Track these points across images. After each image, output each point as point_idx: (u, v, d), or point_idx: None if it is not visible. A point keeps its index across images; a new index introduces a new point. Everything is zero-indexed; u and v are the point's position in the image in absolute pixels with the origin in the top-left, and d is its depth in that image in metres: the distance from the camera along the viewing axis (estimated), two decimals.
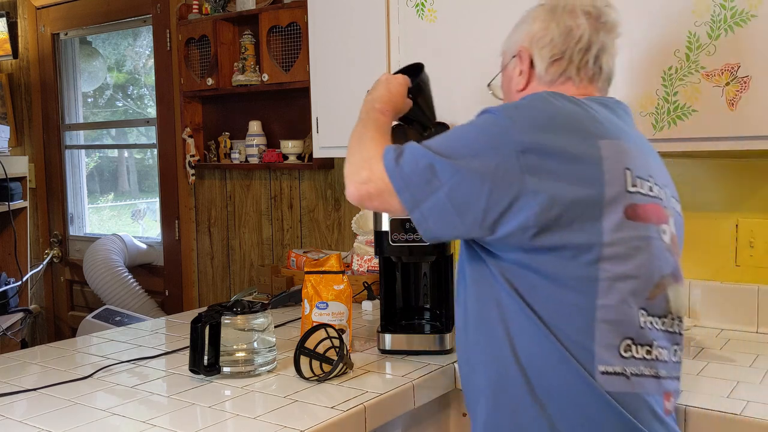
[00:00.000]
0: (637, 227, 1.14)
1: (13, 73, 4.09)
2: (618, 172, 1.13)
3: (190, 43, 3.07)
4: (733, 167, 1.97)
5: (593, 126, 1.16)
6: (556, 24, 1.29)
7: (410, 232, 1.75)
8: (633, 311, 1.13)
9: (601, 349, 1.10)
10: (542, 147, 1.11)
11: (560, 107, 1.18)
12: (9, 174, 3.41)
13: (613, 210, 1.11)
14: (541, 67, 1.31)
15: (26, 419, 1.37)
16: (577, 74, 1.30)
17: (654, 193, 1.19)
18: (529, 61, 1.32)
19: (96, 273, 3.45)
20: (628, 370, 1.12)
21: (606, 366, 1.11)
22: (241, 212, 3.15)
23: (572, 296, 1.11)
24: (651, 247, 1.15)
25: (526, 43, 1.32)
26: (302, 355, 1.59)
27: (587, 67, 1.29)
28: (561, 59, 1.29)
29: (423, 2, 2.07)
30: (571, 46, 1.28)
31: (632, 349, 1.13)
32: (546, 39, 1.29)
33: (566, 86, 1.30)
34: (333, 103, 2.31)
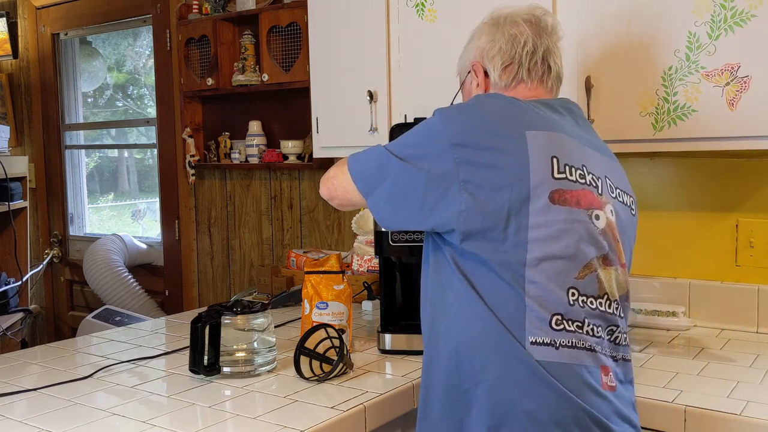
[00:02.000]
0: (562, 211, 1.20)
1: (13, 73, 4.09)
2: (543, 160, 1.21)
3: (190, 43, 3.07)
4: (733, 167, 1.97)
5: (522, 119, 1.25)
6: (501, 34, 1.39)
7: (410, 232, 1.75)
8: (561, 289, 1.20)
9: (531, 323, 1.18)
10: (472, 141, 1.22)
11: (490, 103, 1.28)
12: (9, 174, 3.41)
13: (538, 194, 1.19)
14: (494, 76, 1.40)
15: (26, 419, 1.37)
16: (528, 76, 1.39)
17: (585, 181, 1.25)
18: (483, 73, 1.42)
19: (96, 273, 3.45)
20: (558, 341, 1.18)
21: (535, 336, 1.18)
22: (241, 212, 3.15)
23: (505, 276, 1.19)
24: (578, 230, 1.21)
25: (477, 58, 1.43)
26: (302, 355, 1.59)
27: (536, 67, 1.39)
28: (511, 64, 1.39)
29: (423, 2, 2.07)
30: (518, 51, 1.38)
31: (563, 323, 1.20)
32: (495, 49, 1.40)
33: (519, 89, 1.39)
34: (333, 103, 2.31)
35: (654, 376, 1.58)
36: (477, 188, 1.20)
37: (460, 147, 1.22)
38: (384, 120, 2.18)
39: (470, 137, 1.23)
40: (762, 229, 1.94)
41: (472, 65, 1.45)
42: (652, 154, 2.06)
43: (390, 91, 2.17)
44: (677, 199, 2.05)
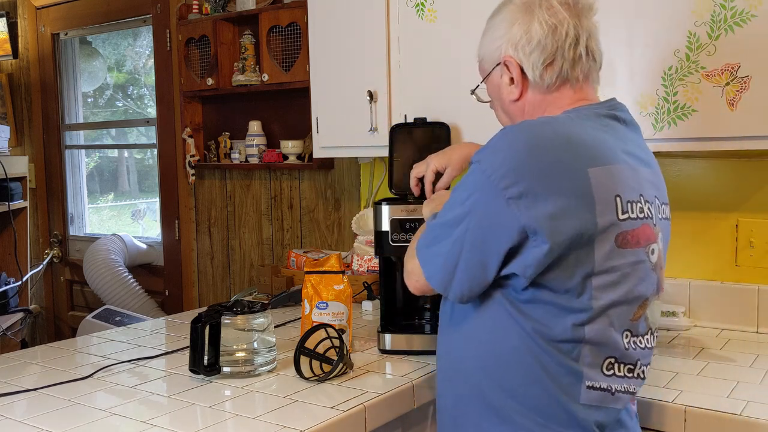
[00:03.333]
0: (626, 254, 1.14)
1: (13, 73, 4.09)
2: (609, 201, 1.11)
3: (190, 43, 3.07)
4: (733, 167, 1.97)
5: (582, 153, 1.12)
6: (539, 24, 1.22)
7: (410, 232, 1.75)
8: (618, 333, 1.15)
9: (586, 368, 1.14)
10: (532, 189, 1.09)
11: (547, 145, 1.12)
12: (9, 174, 3.40)
13: (604, 239, 1.11)
14: (534, 75, 1.25)
15: (26, 419, 1.37)
16: (572, 72, 1.24)
17: (644, 214, 1.17)
18: (519, 70, 1.26)
19: (96, 273, 3.45)
20: (613, 386, 1.16)
21: (593, 381, 1.14)
22: (241, 212, 3.15)
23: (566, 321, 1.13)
24: (638, 272, 1.16)
25: (510, 51, 1.25)
26: (302, 355, 1.59)
27: (581, 61, 1.24)
28: (554, 61, 1.23)
29: (423, 2, 2.07)
30: (560, 44, 1.22)
31: (614, 367, 1.16)
32: (533, 43, 1.22)
33: (563, 91, 1.26)
34: (333, 103, 2.31)
35: (654, 376, 1.58)
36: (542, 237, 1.08)
37: (521, 199, 1.09)
38: (384, 120, 2.18)
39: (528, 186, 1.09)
40: (762, 229, 1.94)
41: (504, 59, 1.27)
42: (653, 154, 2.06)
43: (390, 91, 2.17)
44: (677, 199, 2.05)
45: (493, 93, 1.36)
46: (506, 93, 1.30)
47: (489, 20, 1.32)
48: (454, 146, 1.75)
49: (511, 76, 1.27)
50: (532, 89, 1.27)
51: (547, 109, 1.27)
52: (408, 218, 1.74)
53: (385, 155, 2.07)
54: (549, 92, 1.26)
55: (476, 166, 1.15)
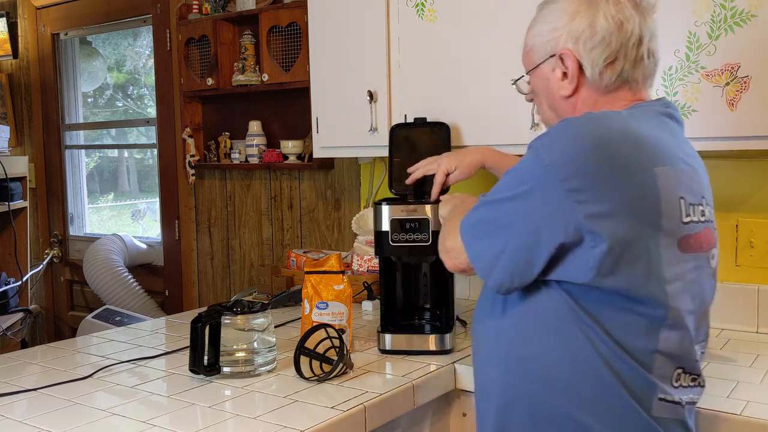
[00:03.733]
0: (689, 259, 1.09)
1: (13, 73, 4.09)
2: (674, 203, 1.06)
3: (190, 43, 3.07)
4: (733, 167, 1.97)
5: (648, 152, 1.07)
6: (605, 18, 1.14)
7: (410, 232, 1.75)
8: (691, 344, 1.11)
9: (658, 379, 1.08)
10: (594, 185, 1.02)
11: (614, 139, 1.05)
12: (9, 174, 3.40)
13: (669, 243, 1.05)
14: (593, 72, 1.16)
15: (26, 419, 1.37)
16: (632, 74, 1.17)
17: (705, 217, 1.12)
18: (576, 65, 1.17)
19: (96, 273, 3.45)
20: (683, 398, 1.11)
21: (665, 394, 1.09)
22: (241, 212, 3.15)
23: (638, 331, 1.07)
24: (702, 277, 1.12)
25: (570, 44, 1.17)
26: (302, 355, 1.59)
27: (642, 63, 1.17)
28: (616, 60, 1.15)
29: (423, 2, 2.07)
30: (624, 42, 1.14)
31: (681, 378, 1.12)
32: (596, 38, 1.14)
33: (621, 92, 1.18)
34: (333, 103, 2.31)
35: None
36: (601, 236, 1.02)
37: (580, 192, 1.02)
38: (384, 120, 2.18)
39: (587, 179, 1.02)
40: (762, 229, 1.94)
41: (560, 51, 1.18)
42: None
43: (390, 91, 2.17)
44: None
45: (540, 86, 1.26)
46: (557, 88, 1.22)
47: (543, 7, 1.24)
48: (468, 149, 1.74)
49: (565, 71, 1.19)
50: (588, 87, 1.19)
51: (603, 108, 1.19)
52: (408, 218, 1.75)
53: (385, 155, 2.07)
54: (606, 93, 1.18)
55: (534, 153, 1.08)
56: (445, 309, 1.84)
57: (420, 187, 1.86)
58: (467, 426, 1.70)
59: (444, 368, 1.66)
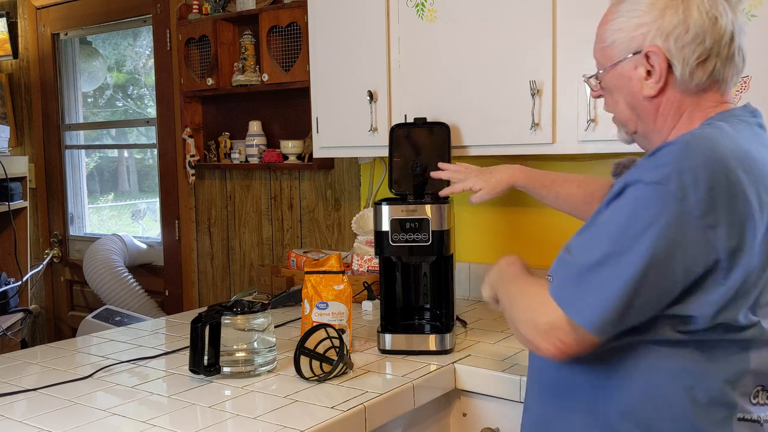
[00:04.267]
0: None
1: (13, 73, 4.09)
2: None
3: (190, 43, 3.07)
4: None
5: (761, 175, 1.01)
6: (698, 12, 1.06)
7: (410, 232, 1.75)
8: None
9: (738, 397, 1.05)
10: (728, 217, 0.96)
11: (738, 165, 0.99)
12: (9, 174, 3.40)
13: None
14: (683, 72, 1.08)
15: (26, 419, 1.37)
16: (723, 73, 1.10)
17: None
18: (666, 64, 1.09)
19: (96, 273, 3.45)
20: (762, 416, 1.07)
21: (744, 413, 1.05)
22: (241, 212, 3.15)
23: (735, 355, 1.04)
24: None
25: (659, 41, 1.08)
26: (302, 355, 1.59)
27: (733, 61, 1.10)
28: (707, 59, 1.08)
29: (423, 2, 2.07)
30: (717, 40, 1.07)
31: (760, 395, 1.07)
32: (689, 35, 1.06)
33: (709, 93, 1.11)
34: (333, 103, 2.31)
35: None
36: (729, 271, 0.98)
37: (714, 228, 0.96)
38: (384, 120, 2.18)
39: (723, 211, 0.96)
40: None
41: (647, 48, 1.09)
42: None
43: (390, 91, 2.17)
44: None
45: (618, 83, 1.16)
46: (639, 87, 1.13)
47: (621, 3, 1.15)
48: (498, 167, 1.64)
49: (650, 69, 1.11)
50: (675, 88, 1.11)
51: (687, 111, 1.12)
52: (408, 218, 1.75)
53: (385, 155, 2.07)
54: (693, 93, 1.11)
55: (659, 188, 0.97)
56: (445, 309, 1.84)
57: (421, 187, 1.86)
58: (467, 426, 1.70)
59: (444, 368, 1.66)
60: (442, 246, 1.76)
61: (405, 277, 1.93)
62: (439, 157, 1.90)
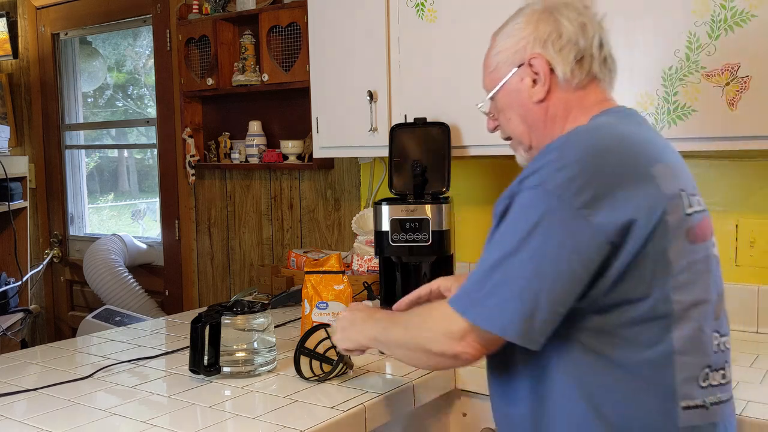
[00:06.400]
0: (697, 249, 1.08)
1: (13, 73, 4.09)
2: (676, 196, 1.07)
3: (190, 43, 3.07)
4: (733, 167, 1.97)
5: (641, 152, 1.08)
6: (568, 21, 1.18)
7: (410, 232, 1.75)
8: (708, 337, 1.08)
9: (681, 384, 1.05)
10: (608, 198, 1.01)
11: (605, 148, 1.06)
12: (9, 174, 3.40)
13: (677, 236, 1.05)
14: (564, 71, 1.18)
15: (26, 419, 1.37)
16: (600, 71, 1.19)
17: (701, 207, 1.13)
18: (547, 68, 1.18)
19: (96, 273, 3.45)
20: (708, 400, 1.07)
21: (688, 401, 1.05)
22: (241, 212, 3.15)
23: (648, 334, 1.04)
24: (710, 266, 1.11)
25: (538, 48, 1.18)
26: (302, 355, 1.59)
27: (608, 63, 1.21)
28: (583, 58, 1.18)
29: (423, 2, 2.07)
30: (588, 43, 1.17)
31: (710, 377, 1.08)
32: (563, 39, 1.17)
33: (591, 89, 1.20)
34: (333, 103, 2.31)
35: None
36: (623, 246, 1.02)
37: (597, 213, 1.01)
38: (384, 120, 2.18)
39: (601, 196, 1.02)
40: (762, 229, 1.94)
41: (529, 58, 1.19)
42: None
43: (390, 91, 2.17)
44: None
45: (509, 100, 1.25)
46: (528, 96, 1.22)
47: (502, 29, 1.26)
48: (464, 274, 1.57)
49: (535, 78, 1.20)
50: (560, 88, 1.20)
51: (573, 108, 1.20)
52: (408, 218, 1.75)
53: (385, 155, 2.07)
54: (576, 90, 1.19)
55: (538, 190, 1.04)
56: None
57: (421, 187, 1.86)
58: (467, 426, 1.70)
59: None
60: (442, 246, 1.76)
61: (405, 277, 1.92)
62: (439, 157, 1.90)
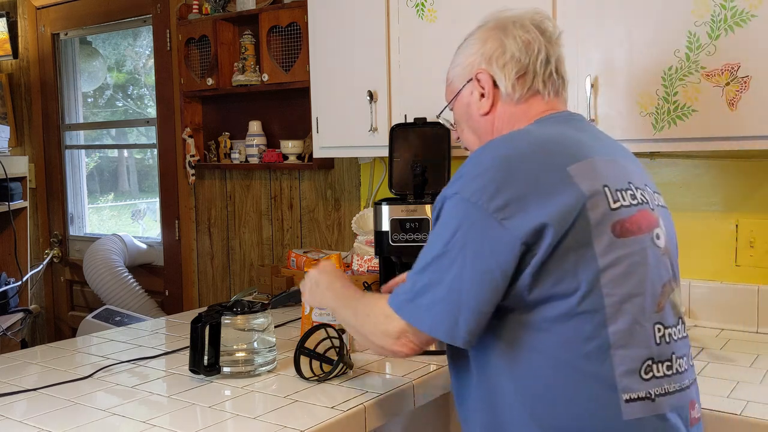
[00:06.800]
0: (630, 243, 1.10)
1: (13, 73, 4.09)
2: (597, 193, 1.10)
3: (190, 43, 3.07)
4: (733, 167, 1.97)
5: (559, 153, 1.13)
6: (513, 39, 1.25)
7: (410, 232, 1.75)
8: (647, 329, 1.10)
9: (620, 377, 1.07)
10: (520, 202, 1.07)
11: (518, 154, 1.13)
12: (9, 174, 3.40)
13: (601, 232, 1.08)
14: (506, 86, 1.26)
15: (26, 419, 1.37)
16: (544, 87, 1.26)
17: (637, 200, 1.15)
18: (491, 82, 1.27)
19: (96, 273, 3.45)
20: (652, 391, 1.08)
21: (630, 393, 1.07)
22: (241, 212, 3.15)
23: (582, 329, 1.07)
24: (649, 258, 1.12)
25: (483, 65, 1.27)
26: (302, 355, 1.59)
27: (552, 79, 1.27)
28: (525, 74, 1.25)
29: (423, 2, 2.07)
30: (532, 59, 1.25)
31: (653, 368, 1.09)
32: (506, 56, 1.25)
33: (534, 102, 1.26)
34: (333, 103, 2.31)
35: None
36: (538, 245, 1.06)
37: (503, 210, 1.07)
38: (384, 120, 2.18)
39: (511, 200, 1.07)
40: (762, 229, 1.94)
41: (476, 73, 1.28)
42: (652, 154, 2.06)
43: (390, 91, 2.17)
44: (677, 199, 2.05)
45: (461, 112, 1.34)
46: (476, 108, 1.30)
47: (460, 45, 1.34)
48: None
49: (482, 92, 1.28)
50: (503, 102, 1.28)
51: (517, 121, 1.27)
52: (408, 218, 1.75)
53: (385, 155, 2.07)
54: (518, 104, 1.27)
55: (456, 198, 1.12)
56: None
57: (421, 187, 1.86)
58: None
59: (444, 368, 1.66)
60: None
61: None
62: (439, 157, 1.90)
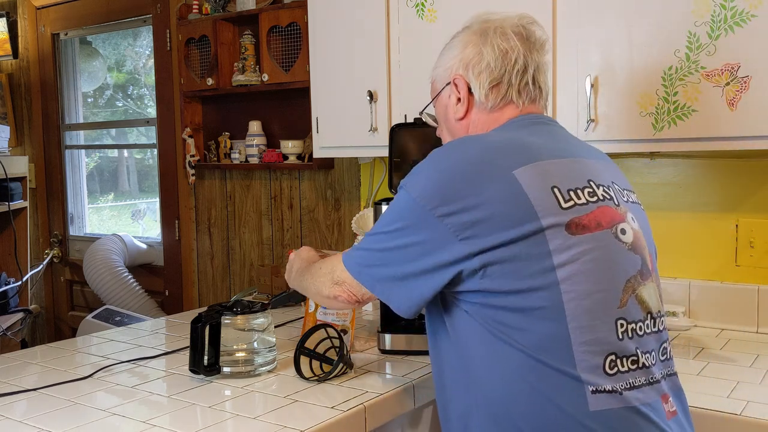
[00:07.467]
0: (586, 240, 1.11)
1: (13, 73, 4.09)
2: (546, 194, 1.11)
3: (190, 43, 3.07)
4: (733, 167, 1.97)
5: (506, 157, 1.14)
6: (491, 48, 1.26)
7: None
8: (608, 325, 1.10)
9: (583, 372, 1.08)
10: (461, 204, 1.11)
11: (469, 159, 1.15)
12: (9, 174, 3.40)
13: (554, 231, 1.09)
14: (480, 94, 1.28)
15: (26, 419, 1.37)
16: (518, 97, 1.28)
17: (596, 197, 1.15)
18: (466, 89, 1.30)
19: (96, 273, 3.45)
20: (618, 386, 1.09)
21: (595, 386, 1.08)
22: (241, 212, 3.15)
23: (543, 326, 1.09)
24: (610, 254, 1.12)
25: (461, 70, 1.30)
26: (302, 355, 1.59)
27: (527, 89, 1.28)
28: (500, 84, 1.27)
29: (423, 2, 2.07)
30: (508, 69, 1.26)
31: (617, 364, 1.10)
32: (482, 64, 1.27)
33: (508, 109, 1.28)
34: (333, 103, 2.31)
35: None
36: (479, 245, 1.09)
37: (450, 216, 1.11)
38: (384, 120, 2.18)
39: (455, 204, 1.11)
40: (762, 229, 1.94)
41: (453, 78, 1.31)
42: (652, 154, 2.06)
43: (390, 91, 2.17)
44: (677, 199, 2.05)
45: (441, 113, 1.38)
46: (452, 112, 1.33)
47: (446, 45, 1.36)
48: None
49: (459, 96, 1.31)
50: (477, 109, 1.30)
51: (490, 127, 1.29)
52: None
53: (385, 155, 2.07)
54: (491, 112, 1.29)
55: (403, 191, 1.18)
56: None
57: None
58: None
59: None
60: None
61: None
62: None
